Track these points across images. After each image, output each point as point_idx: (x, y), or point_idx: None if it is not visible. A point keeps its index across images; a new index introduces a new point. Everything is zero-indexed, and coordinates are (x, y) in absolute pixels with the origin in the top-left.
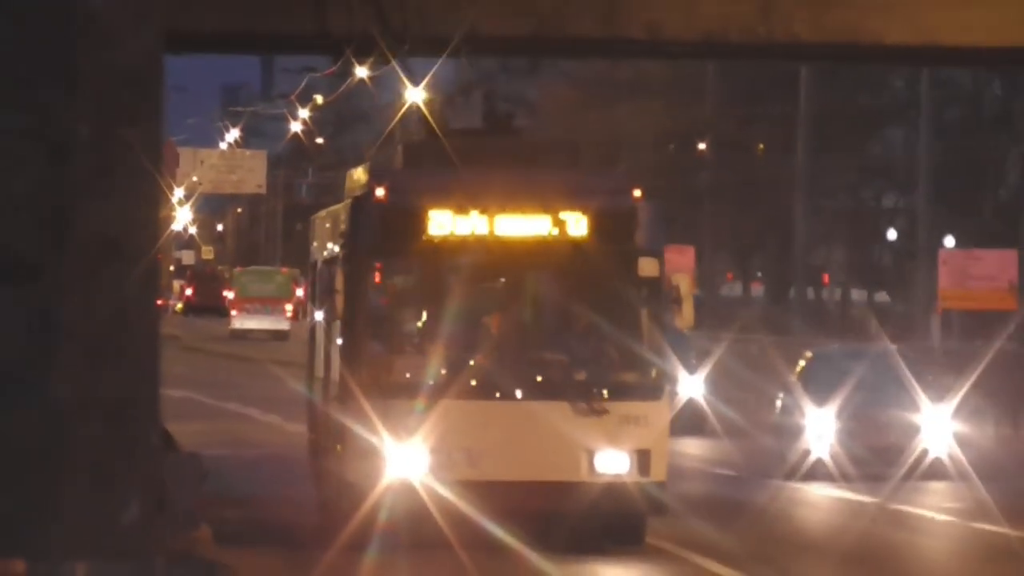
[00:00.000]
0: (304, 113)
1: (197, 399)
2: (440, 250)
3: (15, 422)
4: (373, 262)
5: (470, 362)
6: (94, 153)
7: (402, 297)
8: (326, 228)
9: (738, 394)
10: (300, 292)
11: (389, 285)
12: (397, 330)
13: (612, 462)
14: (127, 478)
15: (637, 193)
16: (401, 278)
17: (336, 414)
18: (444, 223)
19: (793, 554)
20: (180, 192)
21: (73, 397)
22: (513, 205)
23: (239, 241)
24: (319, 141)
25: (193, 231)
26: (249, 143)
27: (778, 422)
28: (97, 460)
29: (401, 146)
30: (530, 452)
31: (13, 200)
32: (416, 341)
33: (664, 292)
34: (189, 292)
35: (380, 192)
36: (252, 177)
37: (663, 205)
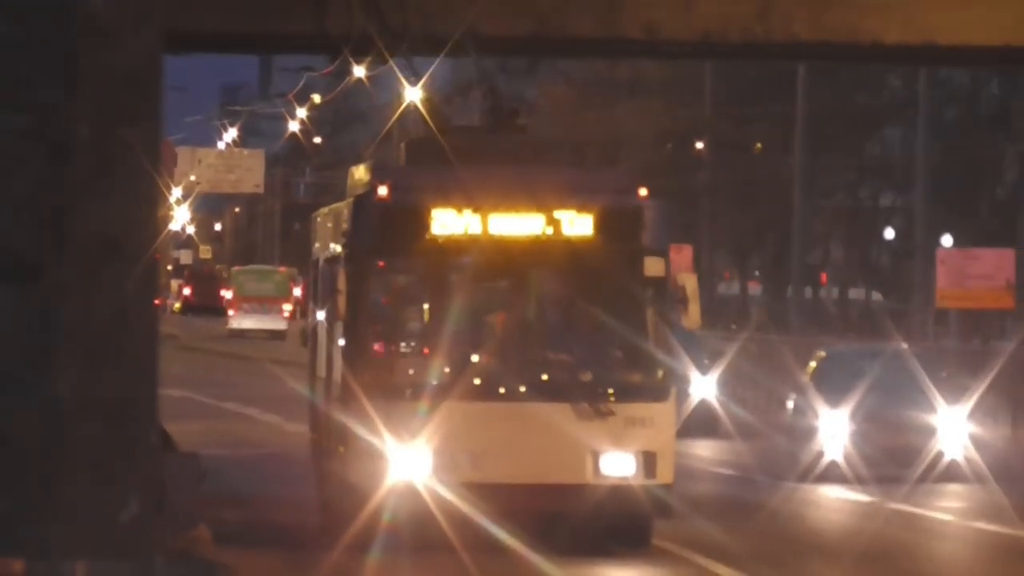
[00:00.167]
0: (302, 112)
1: (196, 398)
2: (443, 249)
3: (14, 421)
4: (375, 261)
5: (473, 363)
6: (94, 153)
7: (405, 297)
8: (327, 226)
9: (749, 394)
10: (298, 292)
11: (391, 285)
12: (400, 330)
13: (618, 464)
14: (126, 477)
15: (643, 191)
16: (404, 277)
17: (338, 415)
18: (447, 222)
19: (805, 557)
20: (178, 191)
21: (73, 396)
22: (517, 203)
23: (237, 240)
24: (317, 141)
25: (191, 230)
26: (247, 142)
27: (790, 423)
28: (96, 459)
29: (404, 144)
30: (534, 454)
31: (13, 200)
32: (419, 341)
33: (670, 292)
34: (187, 292)
35: (382, 190)
36: (250, 176)
37: (668, 204)
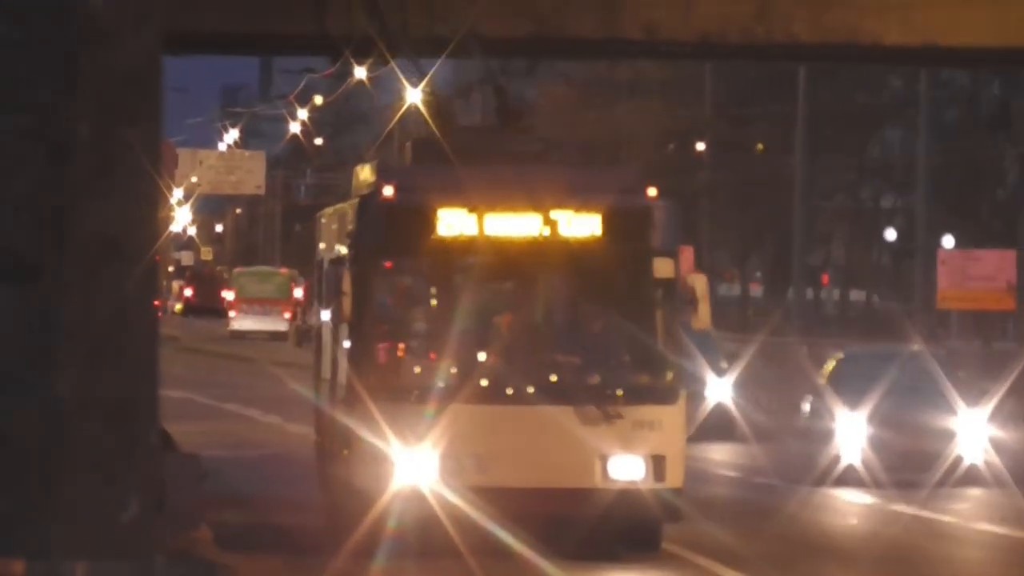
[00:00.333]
0: (303, 114)
1: (197, 400)
2: (449, 250)
3: (14, 421)
4: (380, 262)
5: (480, 365)
6: (94, 153)
7: (410, 298)
8: (332, 227)
9: (763, 396)
10: (299, 293)
11: (397, 286)
12: (405, 332)
13: (626, 468)
14: (127, 478)
15: (651, 191)
16: (409, 278)
17: (343, 418)
18: (453, 222)
19: (820, 562)
20: (179, 193)
21: (72, 396)
22: (524, 204)
23: (238, 242)
24: (318, 142)
25: (192, 232)
26: (248, 144)
27: (806, 426)
28: (96, 460)
29: (409, 144)
30: (542, 458)
31: (13, 200)
32: (425, 343)
33: (679, 293)
34: (188, 293)
35: (388, 190)
36: (251, 178)
37: (677, 204)
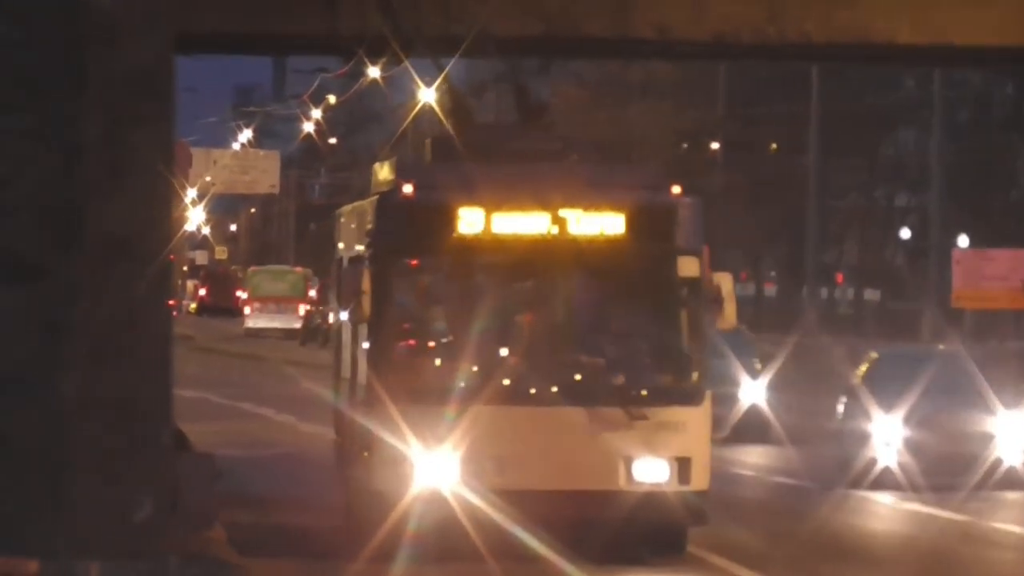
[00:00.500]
0: (317, 113)
1: (211, 399)
2: (469, 249)
3: (26, 422)
4: (399, 261)
5: (501, 365)
6: (104, 154)
7: (430, 297)
8: (351, 225)
9: (796, 398)
10: (312, 292)
11: (416, 285)
12: (425, 331)
13: (651, 470)
14: (139, 478)
15: (675, 188)
16: (429, 278)
17: (362, 419)
18: (473, 220)
19: (853, 567)
20: (193, 192)
21: (85, 397)
22: (545, 201)
23: (252, 241)
24: (332, 141)
25: (206, 231)
26: (262, 144)
27: (840, 427)
28: (109, 460)
29: (429, 141)
30: (565, 460)
31: (24, 200)
32: (445, 344)
33: (704, 292)
34: (203, 292)
35: (407, 188)
36: (265, 177)
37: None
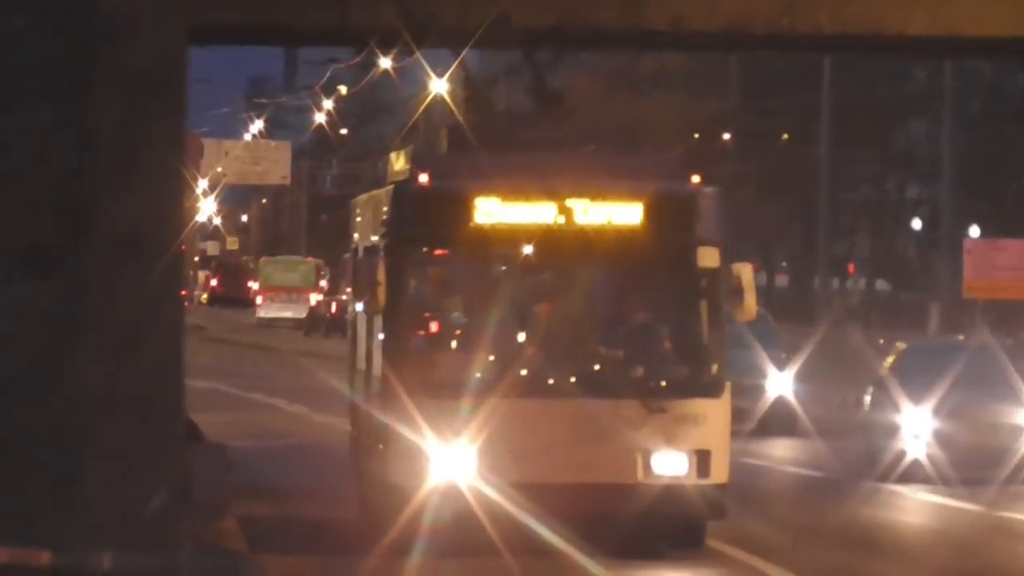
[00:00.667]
0: (328, 104)
1: (223, 389)
2: (486, 239)
3: (41, 413)
4: (415, 251)
5: (519, 357)
6: (117, 147)
7: (446, 289)
8: (367, 214)
9: (822, 389)
10: (323, 283)
11: (432, 276)
12: (441, 323)
13: (670, 463)
14: (152, 469)
15: (696, 178)
16: (445, 268)
17: (377, 412)
18: (490, 210)
19: (879, 562)
20: (204, 183)
21: (97, 388)
22: (564, 191)
23: (263, 232)
24: (343, 132)
25: (218, 222)
26: (273, 134)
27: (867, 419)
28: (122, 451)
29: (445, 130)
30: (583, 453)
31: (37, 193)
32: (461, 335)
33: (725, 282)
34: (214, 283)
35: (423, 178)
36: (276, 168)
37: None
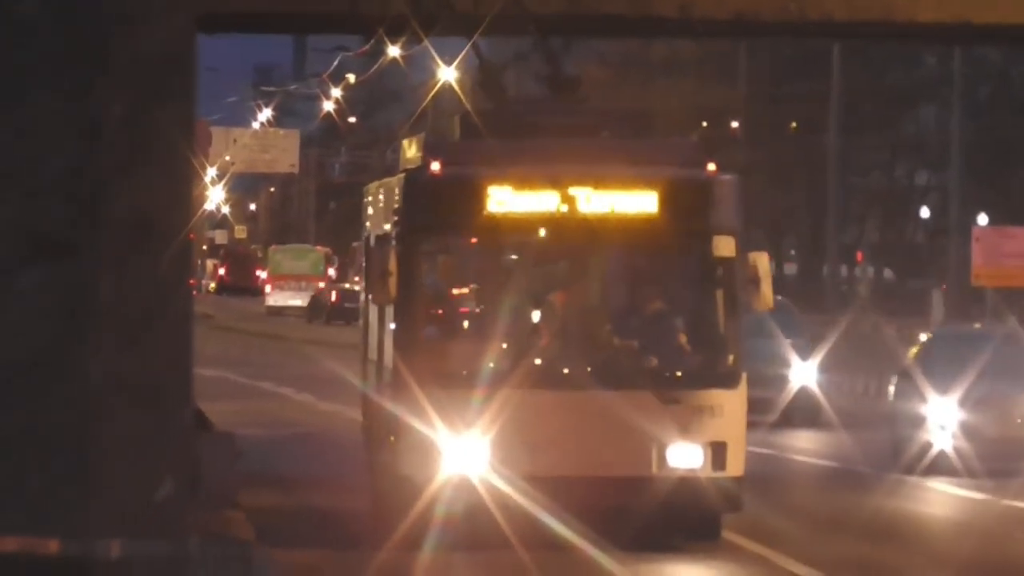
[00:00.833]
0: (337, 92)
1: (231, 378)
2: (499, 227)
3: (51, 402)
4: (427, 240)
5: (532, 348)
6: (127, 133)
7: (458, 278)
8: (379, 202)
9: (845, 379)
10: (332, 272)
11: (444, 265)
12: (453, 314)
13: (685, 456)
14: (161, 457)
15: (711, 165)
16: (457, 257)
17: (389, 403)
18: (503, 198)
19: (903, 557)
20: (213, 171)
21: (107, 376)
22: (577, 179)
23: (272, 220)
24: (352, 120)
25: (226, 210)
26: (282, 122)
27: (892, 410)
28: (131, 439)
29: (458, 117)
30: (596, 445)
31: (47, 180)
32: (473, 325)
33: (740, 271)
34: (222, 271)
35: (435, 165)
36: (285, 156)
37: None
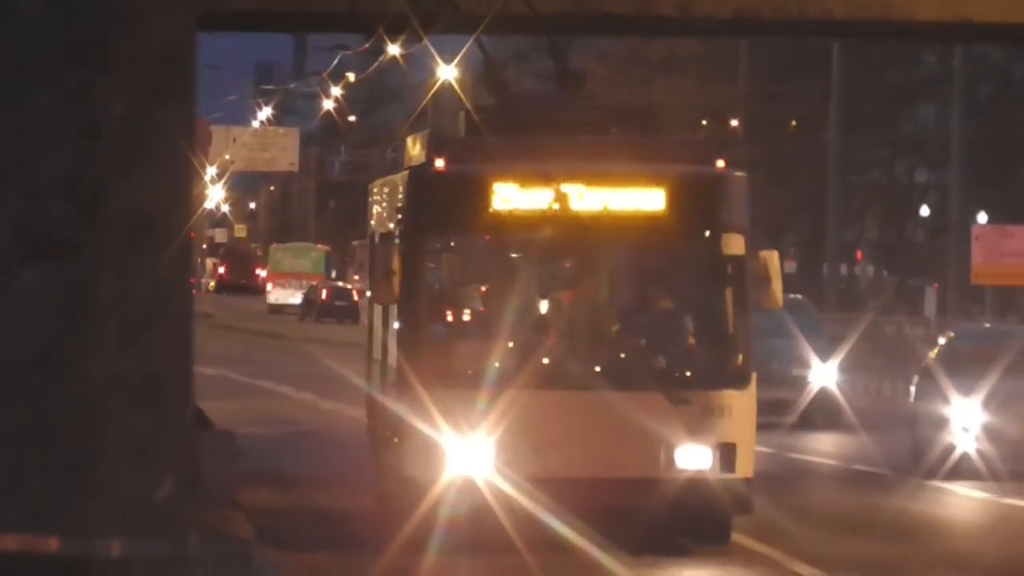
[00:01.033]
0: (336, 91)
1: (230, 377)
2: (504, 225)
3: (50, 401)
4: (431, 238)
5: (538, 348)
6: (127, 133)
7: (463, 277)
8: (383, 200)
9: (863, 379)
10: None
11: (448, 263)
12: (458, 312)
13: (694, 457)
14: (161, 456)
15: (720, 163)
16: (461, 256)
17: (392, 403)
18: (509, 196)
19: (921, 565)
20: (212, 170)
21: (107, 376)
22: (584, 176)
23: (271, 219)
24: (351, 119)
25: (225, 209)
26: (281, 121)
27: (914, 412)
28: (131, 438)
29: (463, 113)
30: (604, 446)
31: (47, 180)
32: (478, 324)
33: (750, 270)
34: (222, 270)
35: (439, 162)
36: (284, 155)
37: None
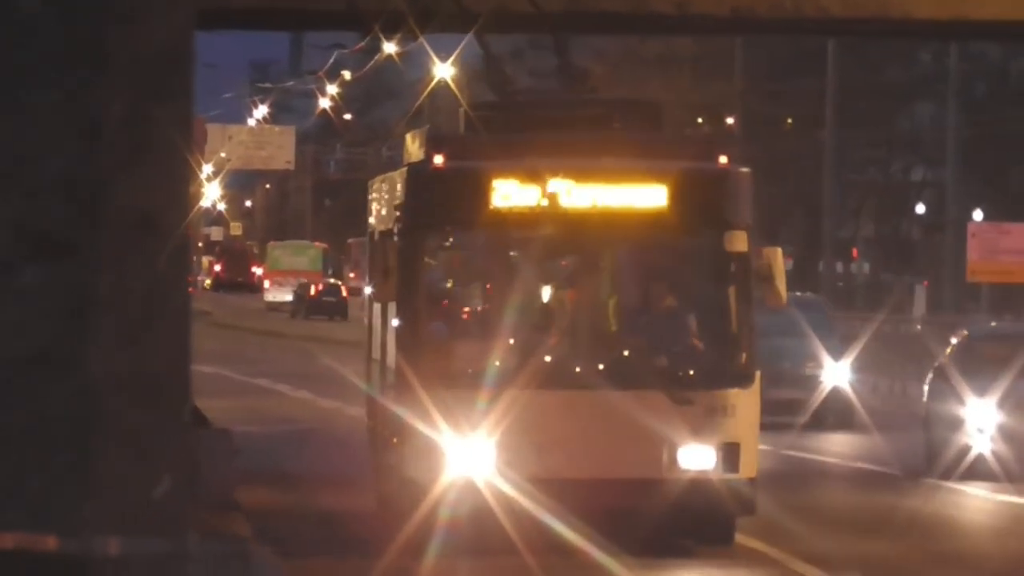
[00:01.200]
0: (333, 89)
1: (227, 375)
2: (504, 223)
3: (49, 400)
4: (430, 236)
5: (539, 347)
6: (127, 132)
7: (463, 275)
8: (382, 197)
9: (875, 379)
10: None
11: (448, 261)
12: (458, 312)
13: (696, 457)
14: (159, 454)
15: (723, 159)
16: (461, 254)
17: (392, 403)
18: (509, 193)
19: (933, 566)
20: (208, 168)
21: (106, 373)
22: (585, 172)
23: (268, 217)
24: (348, 117)
25: (222, 207)
26: (278, 119)
27: (928, 412)
28: (129, 436)
29: (463, 110)
30: (606, 447)
31: (47, 180)
32: (478, 323)
33: (753, 267)
34: (218, 268)
35: (438, 159)
36: (281, 153)
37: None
